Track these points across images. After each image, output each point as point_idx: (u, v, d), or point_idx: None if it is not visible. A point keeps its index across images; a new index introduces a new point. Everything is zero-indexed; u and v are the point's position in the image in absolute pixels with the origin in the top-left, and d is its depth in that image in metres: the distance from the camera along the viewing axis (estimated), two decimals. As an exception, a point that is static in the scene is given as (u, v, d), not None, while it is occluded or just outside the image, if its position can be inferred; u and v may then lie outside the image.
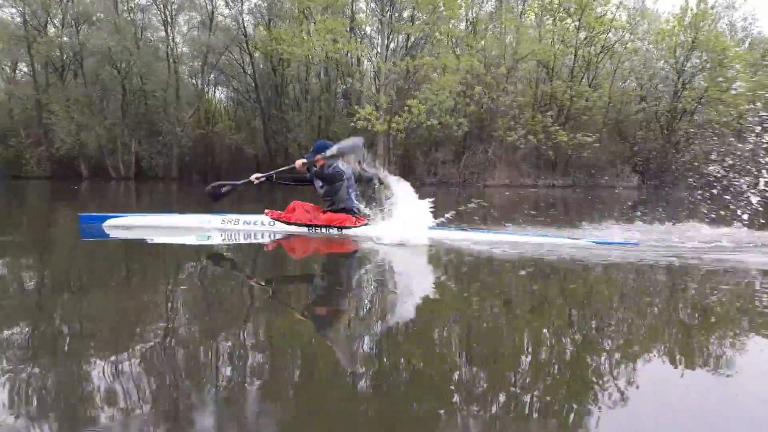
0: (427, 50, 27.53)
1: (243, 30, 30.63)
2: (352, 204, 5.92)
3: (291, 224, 5.91)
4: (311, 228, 5.87)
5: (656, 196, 16.74)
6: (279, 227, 5.94)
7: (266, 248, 5.41)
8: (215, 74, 33.00)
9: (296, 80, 31.27)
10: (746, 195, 5.69)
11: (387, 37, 26.35)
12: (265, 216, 6.01)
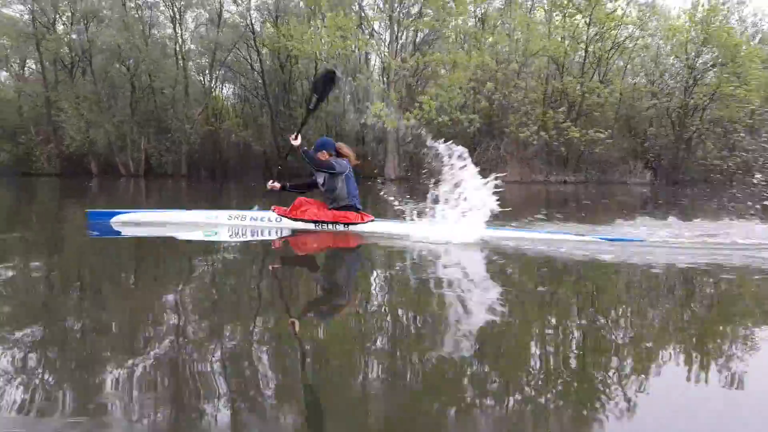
0: (438, 46, 27.36)
1: (251, 27, 30.60)
2: (354, 201, 5.88)
3: (297, 220, 5.91)
4: (318, 224, 5.86)
5: (671, 193, 16.59)
6: (285, 223, 5.94)
7: (273, 245, 5.38)
8: (223, 71, 32.97)
9: (305, 77, 31.20)
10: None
11: (396, 34, 26.20)
12: (272, 212, 6.02)
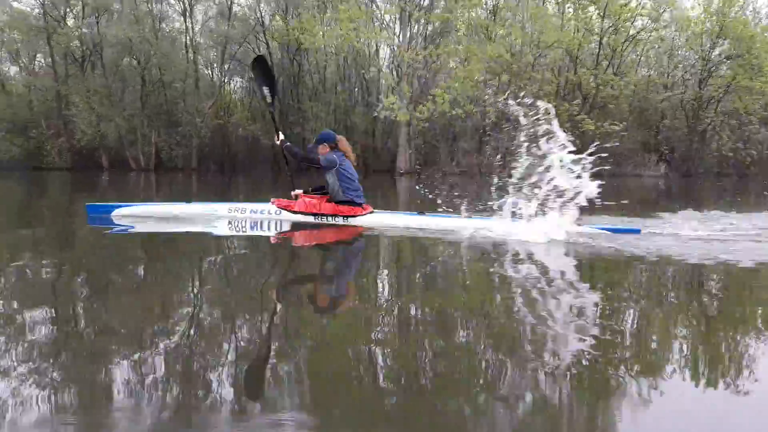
0: (452, 38, 27.10)
1: (260, 20, 30.44)
2: (351, 196, 5.85)
3: (297, 213, 5.93)
4: (317, 216, 5.89)
5: (694, 185, 16.41)
6: (285, 216, 5.96)
7: (273, 238, 5.39)
8: (233, 65, 32.84)
9: (315, 70, 31.03)
10: None
11: (409, 26, 25.95)
12: (272, 205, 6.04)
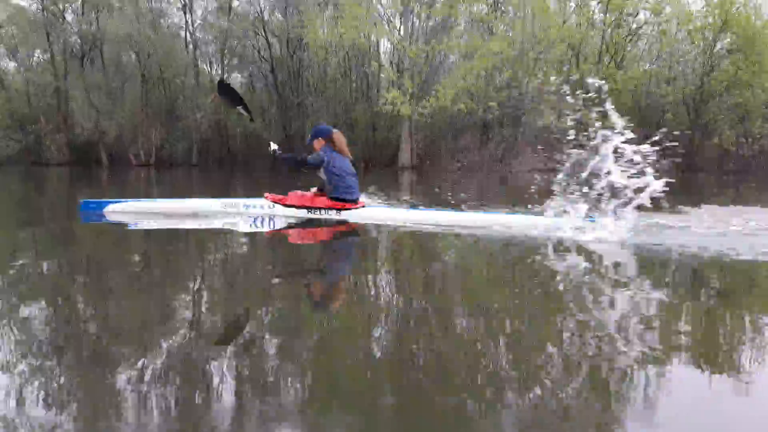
0: (454, 33, 26.95)
1: (260, 15, 30.26)
2: (342, 194, 5.87)
3: (290, 206, 5.95)
4: (310, 210, 5.90)
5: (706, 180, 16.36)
6: (278, 210, 5.97)
7: (266, 233, 5.41)
8: (232, 60, 32.68)
9: (316, 65, 30.87)
10: None
11: (411, 21, 25.78)
12: (265, 199, 6.05)
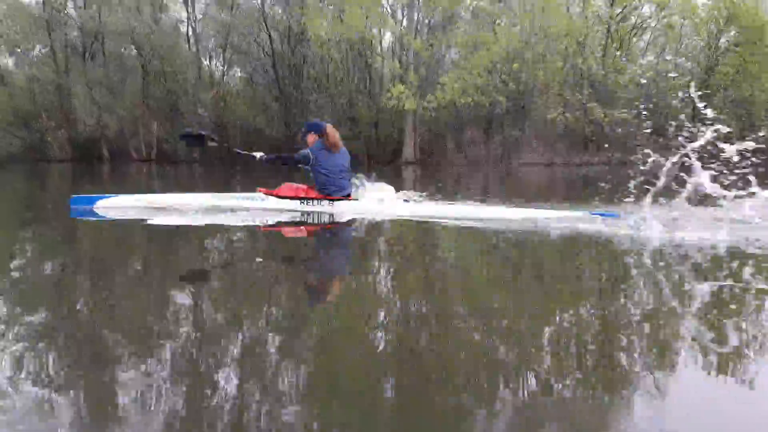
0: (458, 27, 26.73)
1: (262, 8, 30.05)
2: (330, 191, 5.93)
3: (283, 198, 5.98)
4: (303, 201, 5.94)
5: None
6: (271, 202, 6.00)
7: (260, 227, 5.39)
8: (233, 55, 32.48)
9: (318, 60, 30.63)
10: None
11: (417, 14, 25.54)
12: (257, 192, 6.08)
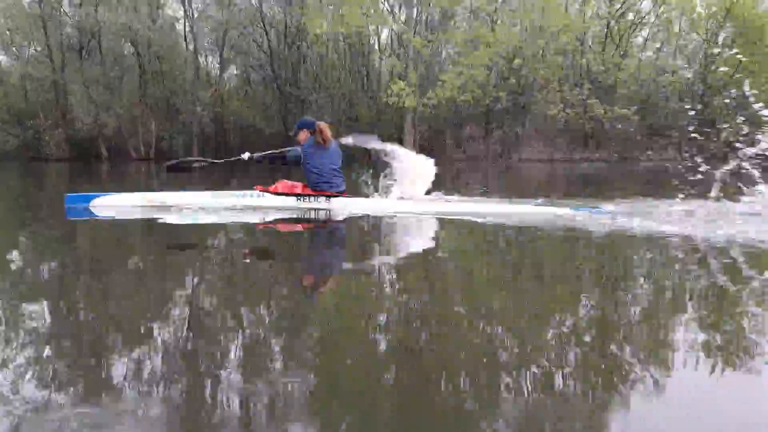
0: (456, 24, 26.65)
1: (260, 6, 29.93)
2: (323, 187, 5.95)
3: (280, 195, 5.99)
4: (300, 198, 5.95)
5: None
6: (268, 199, 6.00)
7: (259, 225, 5.37)
8: (231, 53, 32.38)
9: (317, 58, 30.54)
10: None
11: (417, 10, 25.44)
12: (254, 190, 6.08)
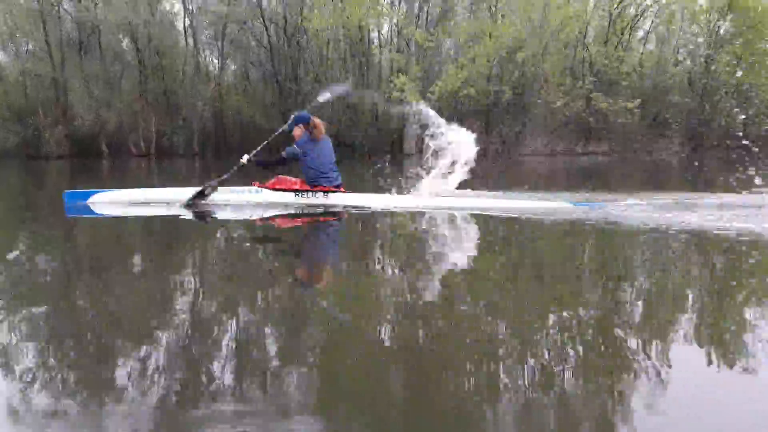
0: (457, 18, 26.47)
1: (259, 0, 29.73)
2: (321, 182, 5.96)
3: (278, 190, 6.00)
4: (298, 193, 5.94)
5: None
6: (266, 194, 6.00)
7: (256, 221, 5.40)
8: (230, 48, 32.17)
9: (315, 53, 30.33)
10: None
11: (417, 4, 25.26)
12: (252, 186, 6.10)
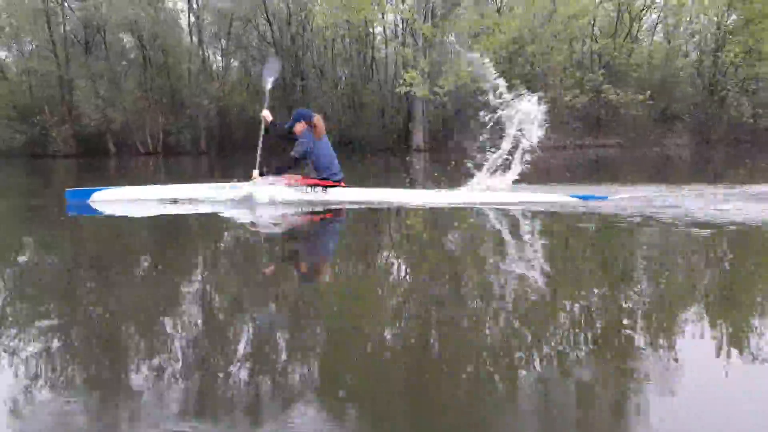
0: (462, 11, 26.26)
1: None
2: (325, 175, 5.95)
3: (290, 186, 5.95)
4: (301, 189, 5.94)
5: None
6: (276, 190, 5.93)
7: (267, 218, 5.37)
8: (235, 45, 32.10)
9: (321, 47, 30.22)
10: None
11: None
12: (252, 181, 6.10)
